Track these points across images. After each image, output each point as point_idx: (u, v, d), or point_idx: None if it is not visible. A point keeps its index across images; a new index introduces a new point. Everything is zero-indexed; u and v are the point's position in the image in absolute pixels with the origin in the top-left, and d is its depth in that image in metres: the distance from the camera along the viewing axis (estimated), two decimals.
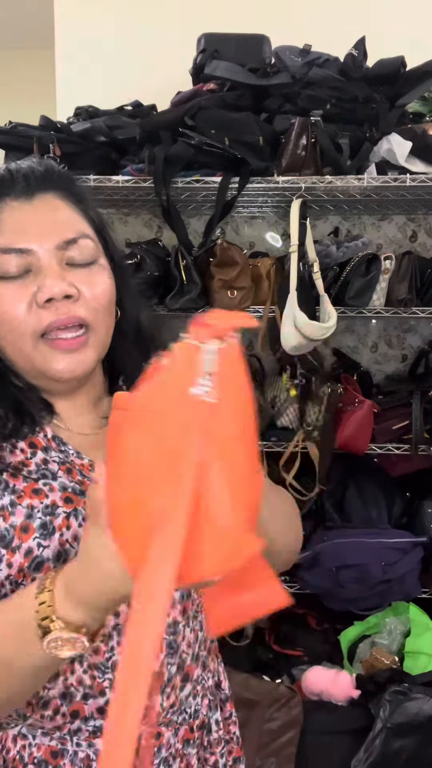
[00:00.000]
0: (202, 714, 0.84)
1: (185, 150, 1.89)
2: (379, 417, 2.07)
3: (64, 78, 2.50)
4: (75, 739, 0.75)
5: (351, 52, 1.93)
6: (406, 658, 1.89)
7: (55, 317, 0.70)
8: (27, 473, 0.73)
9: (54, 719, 0.74)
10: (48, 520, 0.71)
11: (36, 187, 0.75)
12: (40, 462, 0.74)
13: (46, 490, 0.73)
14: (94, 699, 0.74)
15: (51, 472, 0.74)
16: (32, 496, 0.72)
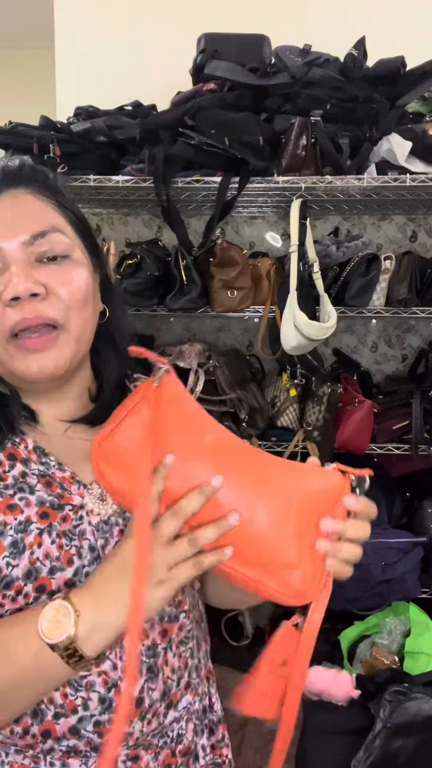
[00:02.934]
0: (186, 739, 0.79)
1: (185, 150, 1.89)
2: (379, 417, 2.08)
3: (64, 78, 2.50)
4: (48, 758, 0.71)
5: (351, 52, 1.93)
6: (406, 658, 1.89)
7: (21, 317, 0.68)
8: (3, 487, 0.71)
9: (24, 738, 0.70)
10: (20, 537, 0.69)
11: (4, 183, 0.73)
12: (18, 475, 0.72)
13: (22, 505, 0.71)
14: (65, 718, 0.69)
15: (29, 485, 0.72)
16: (6, 512, 0.70)
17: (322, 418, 2.04)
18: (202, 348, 2.29)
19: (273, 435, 2.10)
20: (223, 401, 1.92)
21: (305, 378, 2.14)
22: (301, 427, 2.08)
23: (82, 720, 0.69)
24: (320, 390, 2.07)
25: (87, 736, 0.69)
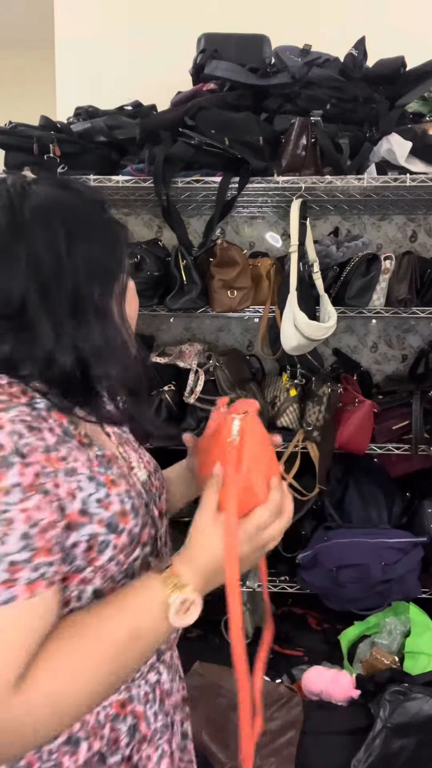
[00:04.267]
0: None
1: (185, 150, 1.88)
2: (379, 417, 2.07)
3: (64, 78, 2.50)
4: (137, 682, 0.84)
5: (351, 52, 1.93)
6: (406, 658, 1.89)
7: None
8: (106, 469, 0.79)
9: None
10: (132, 503, 0.79)
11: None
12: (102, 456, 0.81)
13: (116, 478, 0.79)
14: None
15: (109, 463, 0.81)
16: (112, 486, 0.77)
17: (322, 418, 2.04)
18: (202, 348, 2.29)
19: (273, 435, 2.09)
20: None
21: (305, 378, 2.14)
22: (301, 427, 2.08)
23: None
24: (320, 390, 2.07)
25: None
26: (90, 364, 0.78)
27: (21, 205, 0.75)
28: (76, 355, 0.76)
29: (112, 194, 2.14)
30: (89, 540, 0.73)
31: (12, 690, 0.62)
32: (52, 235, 0.74)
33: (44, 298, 0.74)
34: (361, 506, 2.18)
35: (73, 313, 0.75)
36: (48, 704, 0.64)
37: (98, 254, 0.78)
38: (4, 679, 0.61)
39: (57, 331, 0.74)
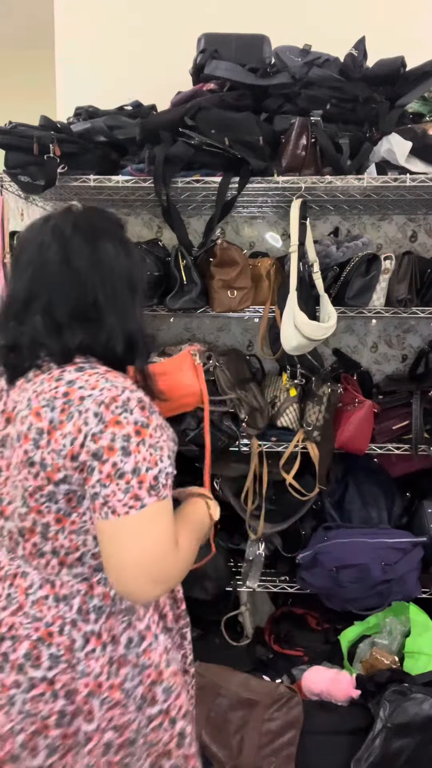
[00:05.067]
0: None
1: (185, 150, 1.88)
2: (379, 417, 2.07)
3: (64, 78, 2.50)
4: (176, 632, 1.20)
5: (351, 52, 1.93)
6: (406, 658, 1.89)
7: None
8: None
9: (169, 622, 1.19)
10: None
11: None
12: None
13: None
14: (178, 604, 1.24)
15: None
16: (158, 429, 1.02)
17: (322, 418, 2.04)
18: (202, 348, 2.29)
19: (273, 435, 2.10)
20: (223, 401, 1.92)
21: (305, 378, 2.14)
22: (301, 427, 2.08)
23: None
24: (320, 390, 2.07)
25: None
26: (133, 346, 1.05)
27: (92, 230, 1.03)
28: (126, 340, 1.03)
29: (112, 194, 2.14)
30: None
31: (176, 548, 1.00)
32: (115, 252, 1.03)
33: (109, 299, 1.01)
34: (361, 506, 2.18)
35: (125, 309, 1.03)
36: (185, 553, 1.04)
37: (137, 266, 1.09)
38: (172, 542, 0.99)
39: (116, 322, 1.02)
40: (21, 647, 1.00)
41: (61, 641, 1.00)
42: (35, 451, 0.95)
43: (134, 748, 1.05)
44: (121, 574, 0.95)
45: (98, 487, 0.93)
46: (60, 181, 1.96)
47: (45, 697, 0.99)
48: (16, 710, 0.99)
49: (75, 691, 1.01)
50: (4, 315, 1.04)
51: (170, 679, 1.09)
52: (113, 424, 0.92)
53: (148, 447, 0.94)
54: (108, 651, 1.03)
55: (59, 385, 0.96)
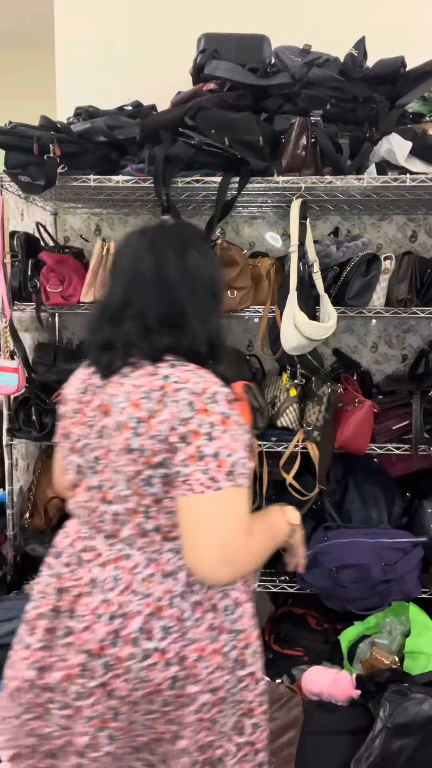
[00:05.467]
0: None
1: (185, 150, 1.89)
2: (379, 417, 2.07)
3: (64, 78, 2.50)
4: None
5: (351, 52, 1.93)
6: (406, 658, 1.89)
7: None
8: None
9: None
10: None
11: None
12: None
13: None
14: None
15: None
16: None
17: (322, 418, 2.04)
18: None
19: (273, 435, 2.10)
20: None
21: (305, 378, 2.14)
22: (301, 427, 2.08)
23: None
24: (320, 390, 2.07)
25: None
26: (214, 348, 1.13)
27: (182, 243, 1.12)
28: (207, 343, 1.12)
29: (112, 194, 2.14)
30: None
31: (247, 536, 1.05)
32: (201, 263, 1.13)
33: (195, 307, 1.10)
34: (361, 506, 2.18)
35: (208, 315, 1.12)
36: (257, 544, 1.11)
37: (219, 275, 1.19)
38: (244, 528, 1.04)
39: (200, 327, 1.10)
40: (133, 623, 1.08)
41: (171, 613, 1.09)
42: (134, 438, 1.05)
43: (224, 705, 1.15)
44: (194, 551, 1.04)
45: (181, 467, 1.02)
46: (60, 181, 1.96)
47: (159, 666, 1.08)
48: (133, 677, 1.08)
49: (185, 657, 1.09)
50: (99, 318, 1.15)
51: (256, 643, 1.19)
52: (201, 411, 1.02)
53: (229, 436, 1.03)
54: (209, 618, 1.12)
55: (155, 379, 1.05)
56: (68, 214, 2.56)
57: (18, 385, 2.04)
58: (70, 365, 2.20)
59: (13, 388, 2.04)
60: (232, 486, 1.01)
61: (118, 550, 1.12)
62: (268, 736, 1.26)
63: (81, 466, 1.17)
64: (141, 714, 1.11)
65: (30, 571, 2.14)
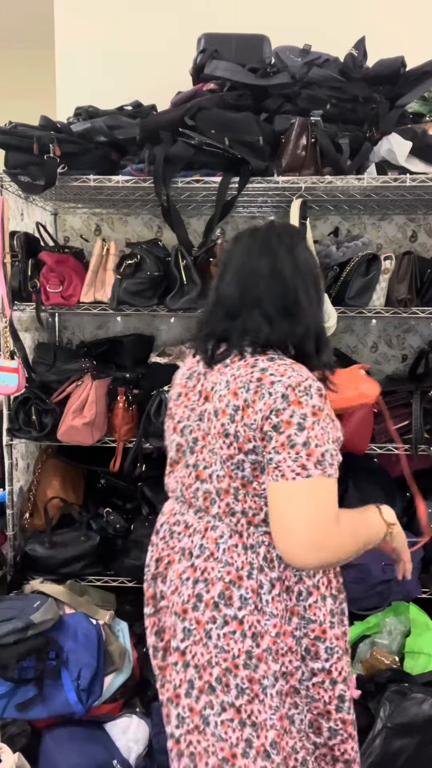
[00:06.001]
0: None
1: (185, 150, 1.89)
2: (379, 417, 2.07)
3: (64, 78, 2.50)
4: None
5: (351, 52, 1.93)
6: (407, 658, 1.89)
7: None
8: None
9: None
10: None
11: None
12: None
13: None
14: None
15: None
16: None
17: None
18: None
19: None
20: None
21: None
22: None
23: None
24: None
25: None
26: (319, 344, 1.20)
27: (291, 240, 1.21)
28: (316, 333, 1.19)
29: (112, 194, 2.14)
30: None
31: (336, 523, 1.09)
32: (305, 257, 1.21)
33: (307, 296, 1.17)
34: (361, 506, 2.18)
35: (315, 306, 1.20)
36: (349, 538, 1.13)
37: (318, 269, 1.25)
38: (332, 516, 1.09)
39: (311, 317, 1.18)
40: (214, 588, 1.16)
41: (249, 585, 1.15)
42: (231, 424, 1.12)
43: (298, 698, 1.19)
44: (284, 535, 1.09)
45: (273, 454, 1.09)
46: (60, 181, 1.96)
47: (236, 636, 1.13)
48: (213, 644, 1.14)
49: (261, 634, 1.14)
50: (212, 311, 1.24)
51: (333, 641, 1.19)
52: (295, 403, 1.08)
53: (320, 428, 1.09)
54: (284, 598, 1.17)
55: (254, 371, 1.12)
56: (68, 214, 2.56)
57: (18, 385, 2.04)
58: (70, 365, 2.20)
59: (13, 388, 2.04)
60: (321, 475, 1.08)
61: (206, 522, 1.20)
62: (354, 749, 1.24)
63: (181, 445, 1.28)
64: (215, 713, 1.14)
65: (30, 571, 2.14)
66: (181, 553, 1.23)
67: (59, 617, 1.84)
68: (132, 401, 2.13)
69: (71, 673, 1.74)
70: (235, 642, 1.13)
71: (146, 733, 1.81)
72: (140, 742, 1.79)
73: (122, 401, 2.12)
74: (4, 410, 2.19)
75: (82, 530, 2.17)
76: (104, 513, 2.24)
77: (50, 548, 2.12)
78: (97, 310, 2.10)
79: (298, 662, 1.18)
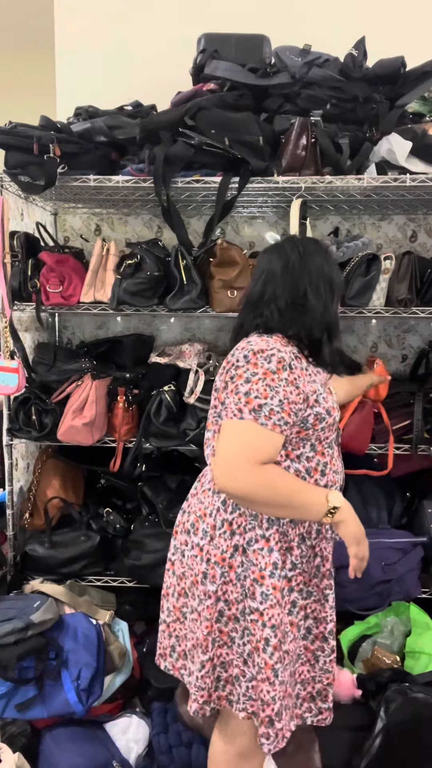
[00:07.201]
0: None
1: (185, 150, 1.89)
2: (380, 417, 2.07)
3: (64, 78, 2.50)
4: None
5: (351, 52, 1.93)
6: (407, 657, 1.89)
7: None
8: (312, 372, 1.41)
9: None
10: (335, 405, 1.43)
11: None
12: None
13: (328, 393, 1.43)
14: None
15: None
16: (329, 393, 1.42)
17: None
18: (202, 348, 2.29)
19: None
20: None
21: None
22: None
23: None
24: None
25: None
26: (330, 333, 1.41)
27: (305, 248, 1.42)
28: (325, 327, 1.40)
29: (112, 194, 2.14)
30: (316, 416, 1.35)
31: (258, 465, 1.27)
32: (320, 263, 1.41)
33: (316, 292, 1.38)
34: (361, 506, 2.18)
35: (326, 303, 1.39)
36: (266, 483, 1.28)
37: (337, 275, 1.47)
38: (255, 457, 1.27)
39: (318, 311, 1.38)
40: (189, 520, 1.46)
41: (209, 522, 1.41)
42: (218, 381, 1.42)
43: (238, 625, 1.39)
44: (212, 460, 1.38)
45: (226, 398, 1.35)
46: (60, 181, 1.96)
47: (197, 559, 1.41)
48: (185, 562, 1.45)
49: (209, 560, 1.38)
50: (242, 311, 1.47)
51: (270, 588, 1.36)
52: (251, 364, 1.30)
53: (264, 384, 1.28)
54: (235, 538, 1.38)
55: (246, 345, 1.35)
56: (68, 214, 2.56)
57: (18, 385, 2.04)
58: (70, 365, 2.20)
59: (13, 388, 2.04)
60: (253, 420, 1.27)
61: (204, 470, 1.52)
62: (270, 695, 1.37)
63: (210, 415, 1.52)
64: (189, 611, 1.45)
65: (30, 571, 2.14)
66: (191, 494, 1.53)
67: (59, 617, 1.84)
68: (132, 401, 2.13)
69: (71, 673, 1.74)
70: (197, 564, 1.41)
71: (146, 733, 1.81)
72: (140, 742, 1.79)
73: (122, 401, 2.12)
74: (4, 410, 2.19)
75: (82, 530, 2.17)
76: (104, 513, 2.24)
77: (50, 548, 2.12)
78: (97, 310, 2.10)
79: (240, 596, 1.38)
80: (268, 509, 1.33)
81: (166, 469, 2.27)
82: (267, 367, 1.29)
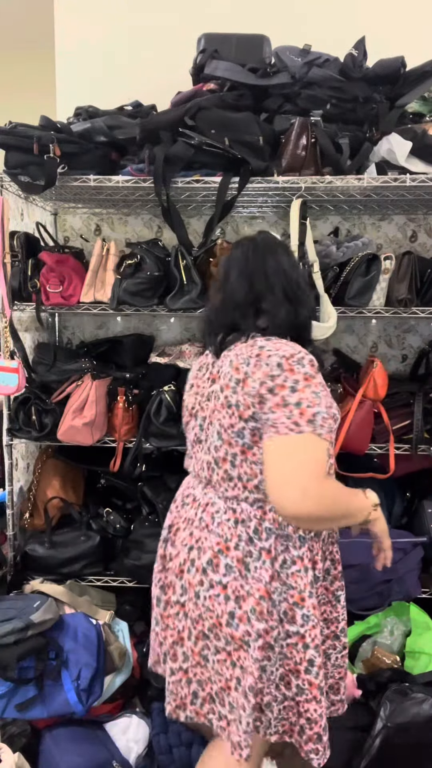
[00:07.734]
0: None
1: (185, 150, 1.89)
2: (380, 417, 2.07)
3: (64, 78, 2.50)
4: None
5: (351, 52, 1.93)
6: (407, 657, 1.89)
7: None
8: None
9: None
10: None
11: None
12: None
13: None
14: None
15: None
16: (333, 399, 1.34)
17: None
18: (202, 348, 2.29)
19: None
20: None
21: None
22: None
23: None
24: None
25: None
26: (300, 332, 1.36)
27: (283, 245, 1.42)
28: (294, 325, 1.34)
29: (112, 194, 2.14)
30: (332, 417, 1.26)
31: (324, 477, 1.21)
32: (289, 260, 1.39)
33: (304, 288, 1.38)
34: None
35: (297, 298, 1.35)
36: (332, 497, 1.24)
37: (297, 270, 1.40)
38: (321, 470, 1.20)
39: (310, 303, 1.41)
40: (204, 555, 1.32)
41: (235, 555, 1.29)
42: (233, 395, 1.27)
43: (272, 652, 1.30)
44: (277, 486, 1.21)
45: (269, 414, 1.21)
46: (60, 181, 1.96)
47: (219, 599, 1.29)
48: (201, 603, 1.32)
49: (243, 597, 1.28)
50: (219, 308, 1.40)
51: (310, 609, 1.30)
52: (288, 371, 1.21)
53: (311, 391, 1.20)
54: (275, 565, 1.29)
55: (253, 348, 1.27)
56: (68, 214, 2.56)
57: (18, 385, 2.04)
58: (70, 365, 2.20)
59: (13, 388, 2.04)
60: (312, 432, 1.19)
61: (209, 498, 1.37)
62: (318, 712, 1.32)
63: (193, 427, 1.43)
64: (212, 653, 1.33)
65: (30, 571, 2.14)
66: (186, 522, 1.41)
67: (59, 617, 1.84)
68: (132, 401, 2.13)
69: (71, 673, 1.74)
70: (219, 604, 1.29)
71: (146, 733, 1.81)
72: (140, 742, 1.79)
73: (122, 401, 2.12)
74: (4, 410, 2.19)
75: (82, 530, 2.17)
76: (104, 513, 2.24)
77: (50, 548, 2.12)
78: (97, 310, 2.10)
79: (275, 623, 1.29)
80: (331, 523, 1.30)
81: (166, 469, 2.27)
82: (304, 371, 1.21)
